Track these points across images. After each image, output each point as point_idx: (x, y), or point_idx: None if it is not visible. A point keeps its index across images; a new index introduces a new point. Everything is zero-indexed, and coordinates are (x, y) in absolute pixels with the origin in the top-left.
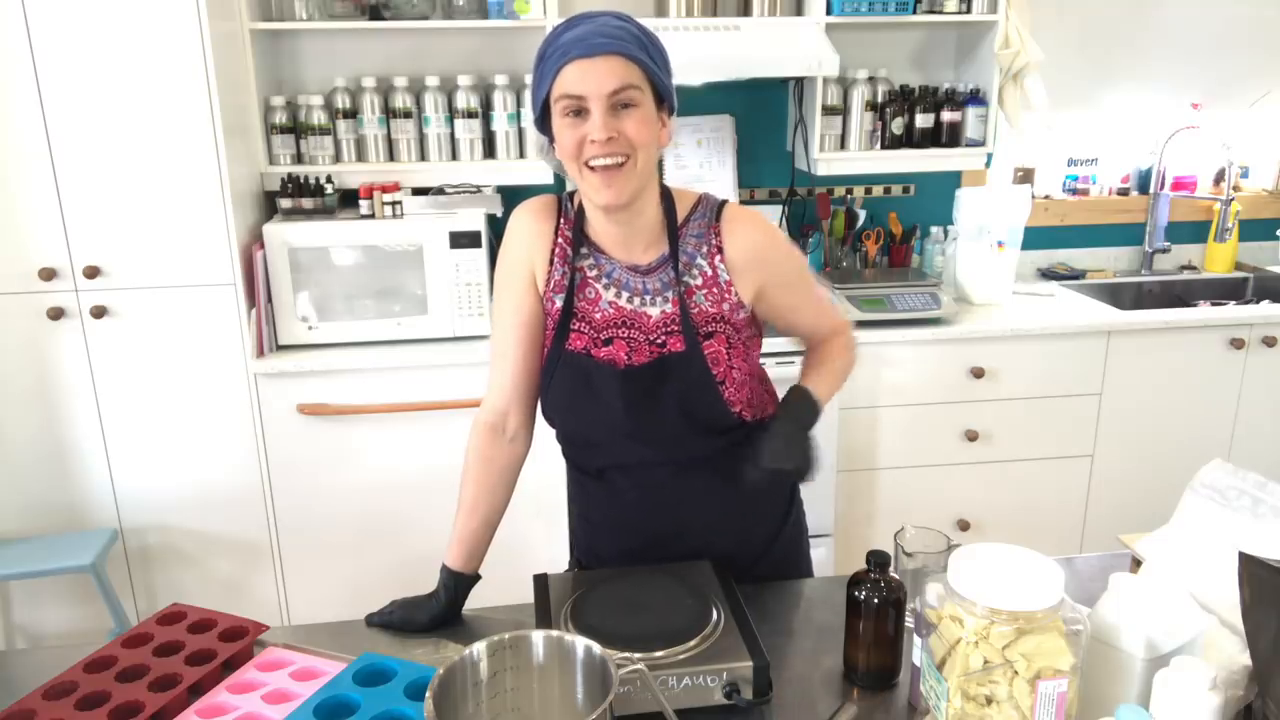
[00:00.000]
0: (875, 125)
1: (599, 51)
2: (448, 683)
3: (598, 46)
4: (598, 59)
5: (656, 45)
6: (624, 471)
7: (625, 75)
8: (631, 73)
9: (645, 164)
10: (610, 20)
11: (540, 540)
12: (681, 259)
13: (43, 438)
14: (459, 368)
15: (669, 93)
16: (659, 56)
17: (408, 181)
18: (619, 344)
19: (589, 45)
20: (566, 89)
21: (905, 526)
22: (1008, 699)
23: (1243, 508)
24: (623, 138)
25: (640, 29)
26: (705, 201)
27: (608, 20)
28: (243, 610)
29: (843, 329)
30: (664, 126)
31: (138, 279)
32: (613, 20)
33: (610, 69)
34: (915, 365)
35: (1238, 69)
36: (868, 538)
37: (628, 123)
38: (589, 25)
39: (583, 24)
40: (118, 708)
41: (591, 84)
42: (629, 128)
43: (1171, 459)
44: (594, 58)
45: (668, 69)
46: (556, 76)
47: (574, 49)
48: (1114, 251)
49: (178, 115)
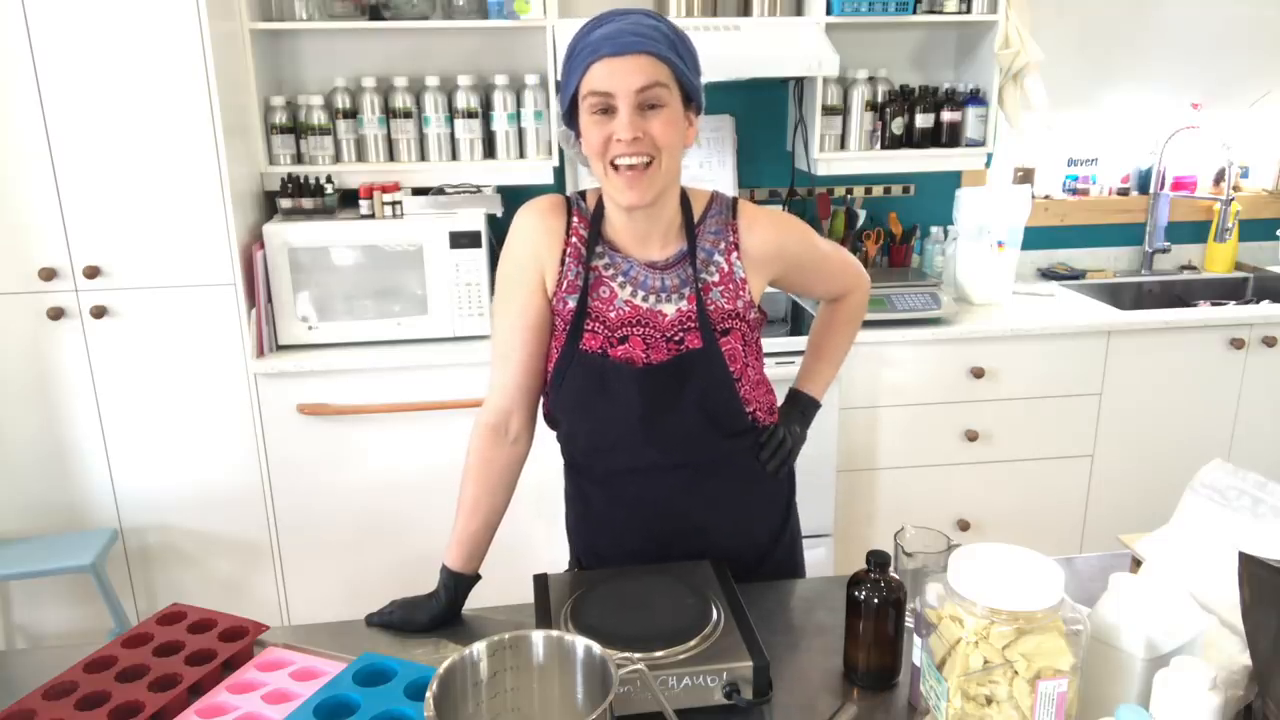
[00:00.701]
0: (875, 125)
1: (629, 50)
2: (448, 683)
3: (628, 45)
4: (627, 57)
5: (686, 44)
6: (630, 475)
7: (653, 73)
8: (660, 71)
9: (670, 165)
10: (642, 19)
11: (540, 540)
12: (699, 255)
13: (43, 438)
14: (459, 368)
15: (697, 92)
16: (688, 56)
17: (408, 181)
18: (635, 341)
19: (619, 43)
20: (595, 85)
21: (905, 526)
22: (1008, 699)
23: (1243, 508)
24: (648, 138)
25: (671, 28)
26: (718, 199)
27: (640, 18)
28: (243, 610)
29: (857, 283)
30: (690, 126)
31: (138, 279)
32: (645, 19)
33: (639, 67)
34: (915, 365)
35: (1238, 69)
36: (868, 538)
37: (654, 123)
38: (620, 23)
39: (614, 21)
40: (118, 708)
41: (620, 81)
42: (655, 128)
43: (1171, 459)
44: (624, 56)
45: (697, 69)
46: (586, 72)
47: (604, 46)
48: (1114, 251)
49: (178, 115)
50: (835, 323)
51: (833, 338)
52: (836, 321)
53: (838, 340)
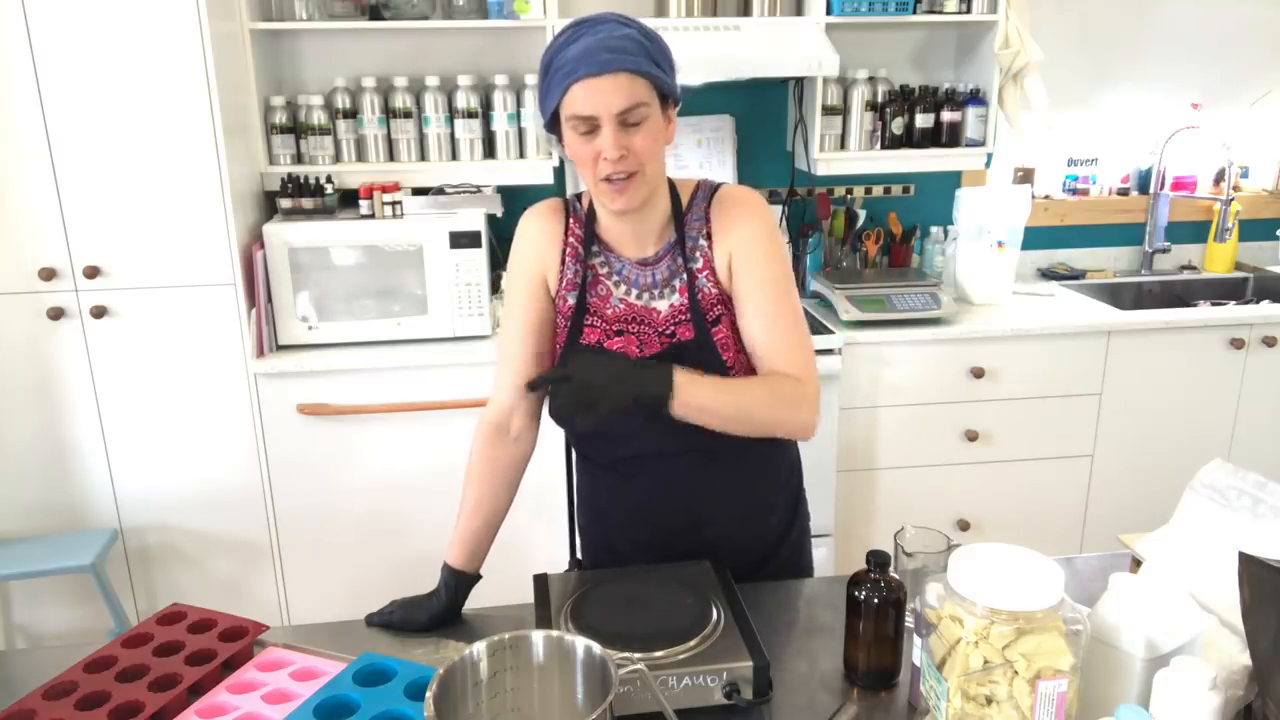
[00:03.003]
0: (875, 125)
1: (607, 69)
2: (448, 683)
3: (606, 64)
4: (605, 77)
5: (659, 45)
6: (638, 462)
7: (633, 93)
8: (639, 89)
9: (654, 171)
10: (614, 29)
11: (540, 540)
12: (687, 244)
13: (43, 438)
14: (459, 368)
15: (673, 90)
16: (663, 59)
17: (408, 181)
18: (629, 338)
19: (598, 63)
20: (576, 109)
21: (905, 526)
22: (1008, 699)
23: (1243, 508)
24: (632, 155)
25: (642, 32)
26: (703, 186)
27: (611, 29)
28: (243, 610)
29: (802, 378)
30: (669, 124)
31: (138, 279)
32: (617, 28)
33: (617, 88)
34: (915, 365)
35: (1238, 69)
36: (868, 538)
37: (636, 138)
38: (593, 38)
39: (586, 35)
40: (118, 708)
41: (601, 104)
42: (638, 143)
43: (1171, 459)
44: (602, 76)
45: (671, 67)
46: (565, 94)
47: (581, 67)
48: (1114, 251)
49: (178, 115)
50: (759, 378)
51: (744, 381)
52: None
53: (747, 385)
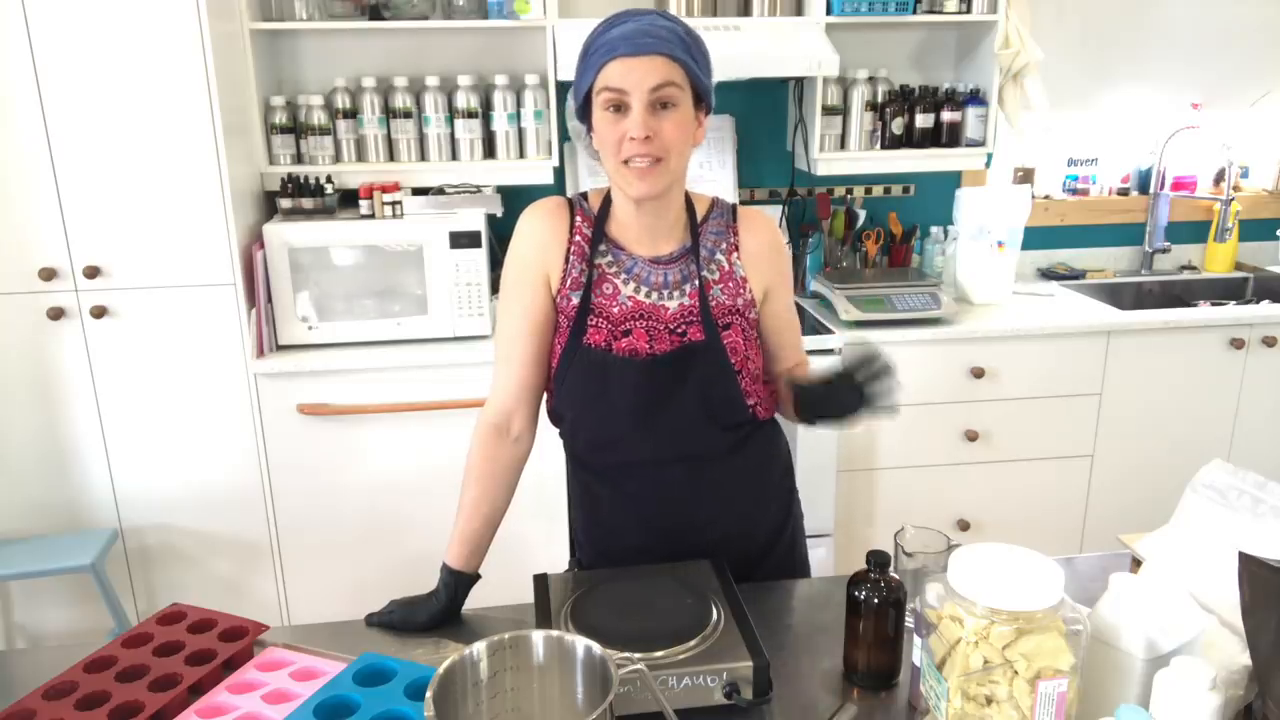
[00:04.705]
0: (875, 125)
1: (644, 50)
2: (448, 683)
3: (644, 45)
4: (642, 58)
5: (700, 46)
6: (633, 469)
7: (667, 73)
8: (674, 72)
9: (678, 163)
10: (657, 19)
11: (540, 540)
12: (701, 253)
13: (43, 438)
14: (459, 368)
15: (708, 93)
16: (701, 58)
17: (408, 181)
18: (639, 334)
19: (636, 43)
20: (610, 82)
21: (905, 526)
22: (1008, 699)
23: (1243, 508)
24: (659, 139)
25: (686, 30)
26: (719, 204)
27: (655, 19)
28: (243, 610)
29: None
30: (699, 126)
31: (138, 279)
32: (660, 20)
33: (653, 67)
34: (915, 365)
35: (1238, 69)
36: (868, 538)
37: (665, 123)
38: (636, 23)
39: (630, 21)
40: (118, 708)
41: (634, 80)
42: (666, 128)
43: (1171, 459)
44: (639, 56)
45: (709, 70)
46: (600, 71)
47: (620, 46)
48: (1114, 251)
49: (178, 115)
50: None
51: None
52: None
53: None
